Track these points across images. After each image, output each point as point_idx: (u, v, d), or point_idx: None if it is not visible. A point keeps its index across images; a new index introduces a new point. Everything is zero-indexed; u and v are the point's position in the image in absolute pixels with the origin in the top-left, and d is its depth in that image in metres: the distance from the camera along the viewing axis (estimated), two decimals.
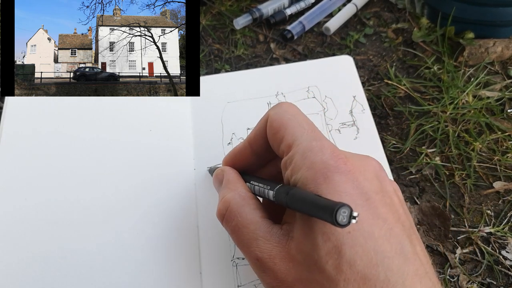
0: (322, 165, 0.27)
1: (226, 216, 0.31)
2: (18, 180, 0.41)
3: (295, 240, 0.27)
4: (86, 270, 0.37)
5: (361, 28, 0.69)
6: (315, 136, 0.29)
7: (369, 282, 0.24)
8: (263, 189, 0.30)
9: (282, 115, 0.31)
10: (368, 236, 0.25)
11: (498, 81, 0.61)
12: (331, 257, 0.25)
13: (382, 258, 0.25)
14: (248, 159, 0.35)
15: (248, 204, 0.31)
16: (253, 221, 0.30)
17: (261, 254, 0.28)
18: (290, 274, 0.27)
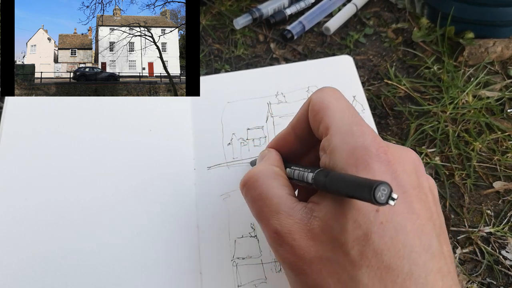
0: (363, 151, 0.27)
1: (251, 184, 0.31)
2: (18, 180, 0.41)
3: (322, 221, 0.27)
4: (86, 270, 0.37)
5: (361, 28, 0.69)
6: (356, 121, 0.29)
7: (392, 272, 0.25)
8: (302, 173, 0.29)
9: (323, 98, 0.31)
10: (400, 229, 0.25)
11: (498, 81, 0.61)
12: (358, 243, 0.25)
13: (409, 252, 0.25)
14: (291, 144, 0.35)
15: (277, 179, 0.31)
16: (278, 195, 0.29)
17: (281, 228, 0.28)
18: (309, 251, 0.27)
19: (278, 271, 0.37)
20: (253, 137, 0.43)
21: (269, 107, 0.45)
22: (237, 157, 0.43)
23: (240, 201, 0.40)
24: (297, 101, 0.46)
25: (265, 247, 0.38)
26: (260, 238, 0.38)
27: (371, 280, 0.25)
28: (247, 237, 0.39)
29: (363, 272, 0.25)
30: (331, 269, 0.26)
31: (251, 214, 0.39)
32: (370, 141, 0.27)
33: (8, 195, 0.40)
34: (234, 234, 0.39)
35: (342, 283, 0.25)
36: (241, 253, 0.38)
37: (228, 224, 0.39)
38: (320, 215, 0.27)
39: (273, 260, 0.37)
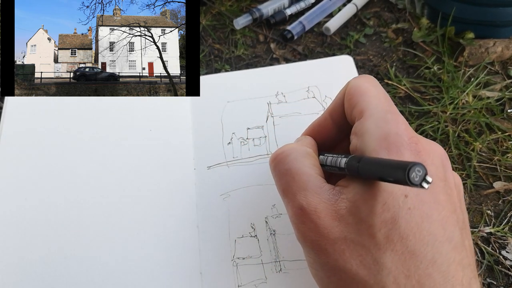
0: (396, 138, 0.27)
1: (281, 158, 0.31)
2: (18, 180, 0.41)
3: (350, 203, 0.27)
4: (86, 270, 0.37)
5: (361, 28, 0.69)
6: (391, 110, 0.29)
7: (416, 258, 0.25)
8: (335, 159, 0.29)
9: (361, 83, 0.32)
10: (426, 217, 0.26)
11: (498, 81, 0.61)
12: (385, 226, 0.25)
13: (433, 240, 0.25)
14: (328, 130, 0.35)
15: (309, 158, 0.31)
16: (308, 172, 0.30)
17: (307, 204, 0.28)
18: (333, 231, 0.27)
19: (278, 271, 0.37)
20: (253, 137, 0.43)
21: (269, 107, 0.45)
22: (237, 157, 0.42)
23: (240, 200, 0.40)
24: (297, 101, 0.46)
25: (265, 247, 0.38)
26: (260, 238, 0.38)
27: (394, 264, 0.25)
28: (247, 237, 0.39)
29: (388, 255, 0.25)
30: (355, 250, 0.26)
31: (251, 214, 0.39)
32: (403, 130, 0.28)
33: (8, 195, 0.40)
34: (234, 234, 0.39)
35: (365, 265, 0.26)
36: (241, 253, 0.38)
37: (228, 224, 0.39)
38: (348, 197, 0.27)
39: (273, 260, 0.37)
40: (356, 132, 0.30)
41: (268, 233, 0.39)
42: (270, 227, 0.39)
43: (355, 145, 0.30)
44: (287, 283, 0.36)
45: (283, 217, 0.39)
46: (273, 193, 0.40)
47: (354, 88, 0.31)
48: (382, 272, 0.25)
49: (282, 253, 0.38)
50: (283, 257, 0.37)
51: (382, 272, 0.25)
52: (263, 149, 0.43)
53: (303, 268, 0.37)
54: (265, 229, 0.39)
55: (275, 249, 0.38)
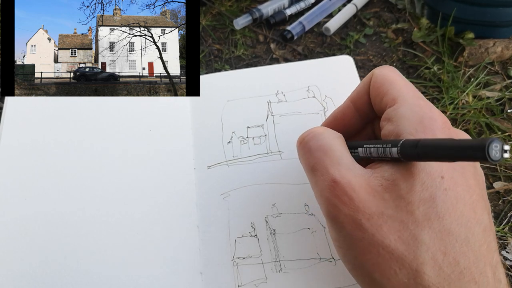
0: (431, 121, 0.28)
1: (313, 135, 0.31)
2: (18, 179, 0.41)
3: (387, 181, 0.27)
4: (86, 270, 0.37)
5: (361, 28, 0.69)
6: (421, 97, 0.31)
7: (451, 236, 0.26)
8: (382, 149, 0.29)
9: (387, 73, 0.32)
10: (460, 199, 0.27)
11: (498, 81, 0.61)
12: (424, 204, 0.26)
13: (466, 221, 0.26)
14: (350, 117, 0.35)
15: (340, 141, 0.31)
16: (340, 149, 0.30)
17: (341, 178, 0.28)
18: (369, 205, 0.27)
19: (278, 271, 0.37)
20: (253, 136, 0.43)
21: (269, 106, 0.45)
22: (237, 156, 0.42)
23: (240, 200, 0.40)
24: (297, 101, 0.45)
25: (265, 246, 0.38)
26: (260, 237, 0.38)
27: (432, 240, 0.26)
28: (247, 237, 0.38)
29: (426, 232, 0.26)
30: (393, 226, 0.26)
31: (251, 213, 0.39)
32: (437, 115, 0.29)
33: (8, 195, 0.40)
34: (234, 234, 0.39)
35: (403, 240, 0.26)
36: (242, 253, 0.38)
37: (228, 223, 0.39)
38: (384, 175, 0.28)
39: (273, 260, 0.37)
40: (390, 118, 0.30)
41: (268, 233, 0.39)
42: (270, 226, 0.39)
43: (388, 130, 0.30)
44: (287, 283, 0.36)
45: (283, 217, 0.39)
46: (273, 192, 0.40)
47: (382, 77, 0.32)
48: (421, 248, 0.26)
49: (282, 253, 0.38)
50: (283, 257, 0.37)
51: (420, 248, 0.26)
52: (263, 148, 0.43)
53: (304, 268, 0.37)
54: (265, 229, 0.39)
55: (275, 248, 0.38)
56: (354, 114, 0.35)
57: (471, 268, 0.26)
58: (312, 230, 0.39)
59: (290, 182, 0.41)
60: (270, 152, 0.43)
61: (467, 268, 0.25)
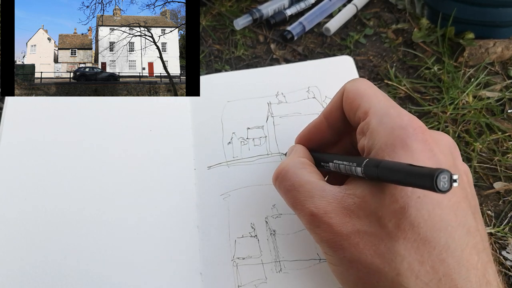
0: (400, 131, 0.28)
1: (281, 176, 0.33)
2: (18, 180, 0.41)
3: (358, 198, 0.28)
4: (86, 270, 0.37)
5: (361, 28, 0.69)
6: (392, 105, 0.31)
7: (429, 245, 0.26)
8: (349, 167, 0.30)
9: (358, 86, 0.33)
10: (437, 204, 0.26)
11: (498, 82, 0.61)
12: (395, 217, 0.26)
13: (445, 225, 0.26)
14: (323, 133, 0.36)
15: (305, 168, 0.32)
16: (310, 181, 0.31)
17: (317, 209, 0.29)
18: (346, 227, 0.28)
19: (278, 271, 0.37)
20: (253, 137, 0.43)
21: (269, 107, 0.45)
22: (237, 156, 0.42)
23: (240, 200, 0.40)
24: (297, 102, 0.45)
25: (265, 247, 0.38)
26: (260, 238, 0.38)
27: (407, 251, 0.26)
28: (247, 237, 0.38)
29: (400, 243, 0.26)
30: (368, 241, 0.27)
31: (251, 214, 0.39)
32: (407, 122, 0.28)
33: (8, 195, 0.40)
34: (234, 234, 0.39)
35: (379, 254, 0.27)
36: (241, 253, 0.38)
37: (228, 223, 0.39)
38: (356, 193, 0.28)
39: (273, 260, 0.37)
40: (363, 132, 0.31)
41: (268, 233, 0.38)
42: (270, 227, 0.39)
43: (363, 144, 0.31)
44: (287, 283, 0.36)
45: (283, 217, 0.39)
46: (273, 193, 0.40)
47: (353, 91, 0.32)
48: (396, 260, 0.26)
49: (282, 253, 0.38)
50: (283, 257, 0.37)
51: (396, 259, 0.26)
52: (263, 149, 0.43)
53: (303, 268, 0.37)
54: (265, 229, 0.39)
55: (275, 249, 0.38)
56: (327, 129, 0.36)
57: (451, 275, 0.25)
58: None
59: None
60: (270, 153, 0.43)
61: (446, 275, 0.25)
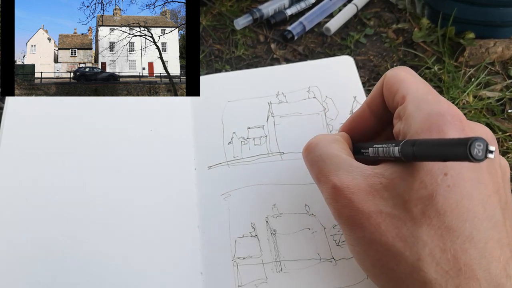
0: (438, 117, 0.28)
1: (311, 147, 0.33)
2: (18, 179, 0.41)
3: (387, 180, 0.28)
4: (86, 270, 0.37)
5: (362, 28, 0.69)
6: (430, 91, 0.30)
7: (452, 233, 0.26)
8: (387, 148, 0.29)
9: (398, 72, 0.33)
10: (466, 195, 0.26)
11: (498, 82, 0.61)
12: (422, 203, 0.26)
13: (472, 217, 0.26)
14: (366, 121, 0.36)
15: (337, 144, 0.33)
16: (338, 155, 0.31)
17: (340, 183, 0.29)
18: (367, 205, 0.28)
19: (279, 271, 0.37)
20: (254, 136, 0.43)
21: (270, 107, 0.45)
22: (238, 156, 0.42)
23: (240, 200, 0.40)
24: (298, 101, 0.45)
25: (265, 246, 0.38)
26: (260, 237, 0.38)
27: (430, 237, 0.26)
28: (247, 237, 0.38)
29: (424, 229, 0.26)
30: (390, 223, 0.27)
31: (252, 214, 0.39)
32: (445, 109, 0.28)
33: (8, 195, 0.40)
34: (234, 234, 0.39)
35: (401, 237, 0.26)
36: (242, 253, 0.38)
37: (228, 223, 0.39)
38: (385, 174, 0.28)
39: (273, 260, 0.37)
40: (399, 116, 0.31)
41: (268, 233, 0.38)
42: (270, 227, 0.39)
43: (398, 129, 0.30)
44: (287, 283, 0.36)
45: (284, 217, 0.39)
46: (274, 193, 0.40)
47: (393, 77, 0.33)
48: (418, 245, 0.26)
49: (283, 253, 0.38)
50: (284, 257, 0.37)
51: (418, 244, 0.26)
52: (264, 149, 0.43)
53: (304, 268, 0.37)
54: (266, 229, 0.39)
55: (275, 249, 0.38)
56: (370, 117, 0.36)
57: (472, 265, 0.25)
58: (312, 230, 0.38)
59: (290, 182, 0.41)
60: (271, 153, 0.42)
61: (467, 265, 0.25)
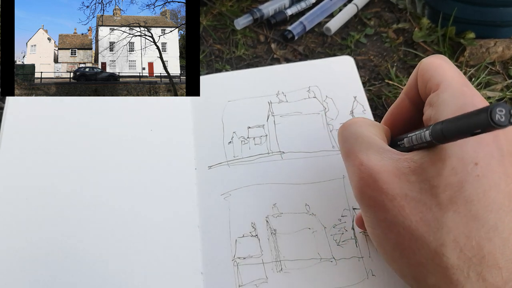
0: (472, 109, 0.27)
1: (347, 125, 0.33)
2: (19, 179, 0.41)
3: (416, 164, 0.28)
4: (86, 270, 0.37)
5: (362, 28, 0.68)
6: (466, 83, 0.30)
7: (478, 222, 0.26)
8: (419, 134, 0.29)
9: (433, 59, 0.32)
10: (494, 186, 0.26)
11: (499, 81, 0.61)
12: (451, 189, 0.26)
13: (498, 208, 0.26)
14: (406, 111, 0.35)
15: (374, 127, 0.32)
16: (371, 137, 0.31)
17: (368, 161, 0.29)
18: (393, 187, 0.27)
19: (279, 271, 0.37)
20: (254, 136, 0.43)
21: (270, 106, 0.45)
22: (238, 156, 0.42)
23: (241, 200, 0.40)
24: (298, 101, 0.45)
25: (266, 246, 0.38)
26: (261, 237, 0.38)
27: (456, 224, 0.26)
28: (248, 237, 0.38)
29: (450, 215, 0.26)
30: (416, 207, 0.27)
31: (252, 213, 0.39)
32: (479, 102, 0.28)
33: (9, 194, 0.40)
34: (235, 234, 0.38)
35: (425, 221, 0.26)
36: (242, 253, 0.38)
37: (229, 223, 0.39)
38: (414, 158, 0.28)
39: (274, 260, 0.37)
40: (432, 103, 0.30)
41: (269, 233, 0.38)
42: (271, 226, 0.39)
43: (429, 115, 0.30)
44: (288, 282, 0.36)
45: (284, 217, 0.39)
46: (274, 192, 0.40)
47: (428, 63, 0.32)
48: (442, 230, 0.26)
49: (283, 253, 0.37)
50: (284, 257, 0.37)
51: (442, 230, 0.26)
52: (264, 148, 0.43)
53: (304, 268, 0.37)
54: (266, 229, 0.39)
55: (276, 248, 0.38)
56: (409, 106, 0.35)
57: (495, 254, 0.25)
58: (312, 230, 0.38)
59: (291, 182, 0.41)
60: (271, 152, 0.42)
61: (491, 254, 0.25)
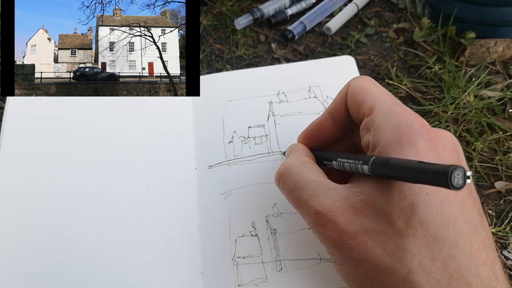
0: (407, 128, 0.28)
1: (285, 176, 0.33)
2: (19, 179, 0.41)
3: (365, 195, 0.28)
4: (87, 270, 0.37)
5: (362, 28, 0.68)
6: (397, 102, 0.31)
7: (438, 241, 0.26)
8: (354, 165, 0.29)
9: (363, 83, 0.33)
10: (445, 201, 0.26)
11: (499, 81, 0.61)
12: (404, 214, 0.26)
13: (454, 222, 0.26)
14: (328, 130, 0.36)
15: (309, 167, 0.32)
16: (314, 180, 0.31)
17: (322, 208, 0.29)
18: (352, 225, 0.28)
19: (279, 270, 0.37)
20: (254, 135, 0.43)
21: (271, 106, 0.45)
22: (238, 155, 0.42)
23: (241, 199, 0.40)
24: (298, 101, 0.45)
25: (265, 246, 0.38)
26: (261, 237, 0.38)
27: (417, 248, 0.26)
28: (248, 236, 0.38)
29: (410, 240, 0.26)
30: (377, 240, 0.27)
31: (252, 213, 0.39)
32: (412, 119, 0.29)
33: (9, 194, 0.40)
34: (235, 233, 0.38)
35: (389, 252, 0.26)
36: (242, 252, 0.38)
37: (229, 223, 0.39)
38: (362, 190, 0.28)
39: (273, 259, 0.37)
40: (368, 128, 0.31)
41: (268, 232, 0.38)
42: (270, 226, 0.39)
43: (367, 140, 0.30)
44: (287, 282, 0.36)
45: (284, 216, 0.39)
46: (274, 192, 0.40)
47: (358, 88, 0.32)
48: (406, 257, 0.26)
49: (283, 252, 0.37)
50: (284, 256, 0.37)
51: (406, 257, 0.26)
52: (264, 148, 0.43)
53: (304, 268, 0.37)
54: (266, 228, 0.39)
55: (275, 248, 0.38)
56: (332, 126, 0.36)
57: (462, 271, 0.25)
58: None
59: None
60: (271, 152, 0.42)
61: (457, 271, 0.25)
